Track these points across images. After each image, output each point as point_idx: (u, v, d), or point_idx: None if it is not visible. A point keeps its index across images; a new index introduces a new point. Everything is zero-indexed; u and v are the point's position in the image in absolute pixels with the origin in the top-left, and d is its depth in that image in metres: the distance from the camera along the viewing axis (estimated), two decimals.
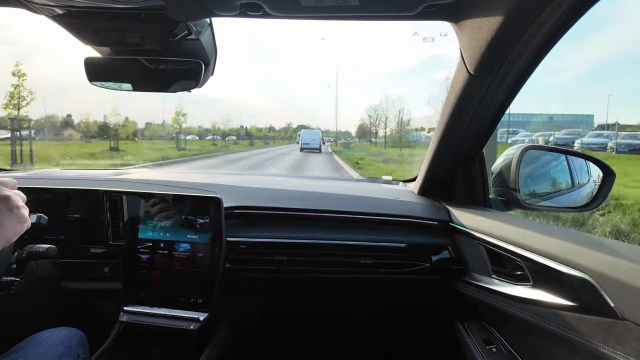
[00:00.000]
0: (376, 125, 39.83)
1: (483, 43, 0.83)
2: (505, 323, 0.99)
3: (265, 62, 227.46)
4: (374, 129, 41.73)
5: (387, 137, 35.87)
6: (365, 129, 48.65)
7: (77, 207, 1.22)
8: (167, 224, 1.14)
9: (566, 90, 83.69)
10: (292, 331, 1.50)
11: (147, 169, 1.93)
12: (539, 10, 0.72)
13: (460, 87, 1.00)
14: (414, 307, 1.43)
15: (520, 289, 0.88)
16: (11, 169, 1.70)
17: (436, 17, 0.88)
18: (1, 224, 0.68)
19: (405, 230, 1.23)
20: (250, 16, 0.86)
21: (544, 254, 0.80)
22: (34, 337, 0.92)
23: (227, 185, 1.41)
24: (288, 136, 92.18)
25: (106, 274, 1.22)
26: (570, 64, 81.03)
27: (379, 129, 40.72)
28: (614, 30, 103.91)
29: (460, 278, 1.14)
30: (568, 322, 0.72)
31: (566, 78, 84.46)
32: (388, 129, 36.71)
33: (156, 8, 0.81)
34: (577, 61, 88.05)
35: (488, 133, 1.14)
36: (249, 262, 1.19)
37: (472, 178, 1.24)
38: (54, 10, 0.83)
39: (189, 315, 1.10)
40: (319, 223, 1.26)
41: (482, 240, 1.03)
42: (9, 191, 0.72)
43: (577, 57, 78.96)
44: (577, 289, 0.70)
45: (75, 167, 2.22)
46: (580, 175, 1.22)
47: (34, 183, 1.22)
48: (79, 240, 1.21)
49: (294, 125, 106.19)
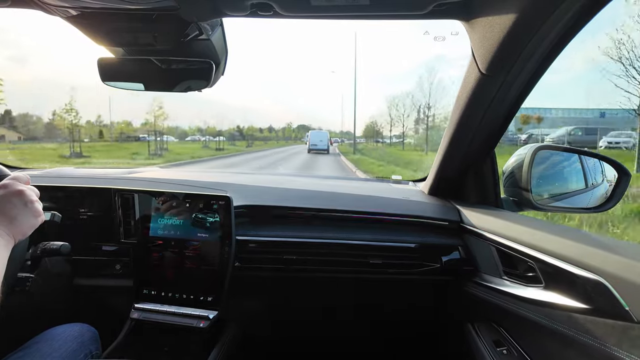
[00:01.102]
0: (402, 119, 33.57)
1: (495, 42, 0.82)
2: (516, 325, 0.98)
3: (265, 61, 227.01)
4: (389, 127, 37.83)
5: (405, 137, 32.91)
6: (373, 129, 47.06)
7: (90, 205, 1.23)
8: (178, 222, 1.15)
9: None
10: (301, 330, 1.50)
11: (158, 167, 1.95)
12: (552, 7, 0.71)
13: (472, 87, 0.99)
14: (423, 307, 1.42)
15: (532, 290, 0.87)
16: (26, 167, 1.74)
17: (447, 16, 0.87)
18: (16, 217, 0.69)
19: (415, 231, 1.23)
20: (260, 16, 0.86)
21: (557, 255, 0.78)
22: (48, 332, 0.93)
23: (237, 184, 1.42)
24: (286, 137, 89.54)
25: (118, 272, 1.24)
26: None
27: (394, 127, 36.50)
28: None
29: (471, 279, 1.13)
30: (581, 324, 0.71)
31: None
32: (409, 128, 33.63)
33: (168, 9, 0.81)
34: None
35: (500, 132, 1.13)
36: (259, 260, 1.19)
37: (483, 178, 1.23)
38: (68, 11, 0.84)
39: (199, 313, 1.11)
40: (329, 222, 1.26)
41: (493, 241, 1.02)
42: (22, 186, 0.74)
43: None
44: (591, 291, 0.69)
45: (89, 166, 2.26)
46: (594, 175, 1.20)
47: (48, 181, 1.24)
48: (92, 237, 1.23)
49: (294, 125, 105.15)
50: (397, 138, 39.14)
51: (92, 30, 0.90)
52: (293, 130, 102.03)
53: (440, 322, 1.41)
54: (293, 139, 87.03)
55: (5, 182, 0.73)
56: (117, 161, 16.50)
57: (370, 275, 1.21)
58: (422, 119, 29.53)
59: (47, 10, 0.85)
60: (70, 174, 1.55)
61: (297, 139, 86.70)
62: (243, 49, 36.03)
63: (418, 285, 1.30)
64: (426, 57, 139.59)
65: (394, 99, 36.61)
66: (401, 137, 34.99)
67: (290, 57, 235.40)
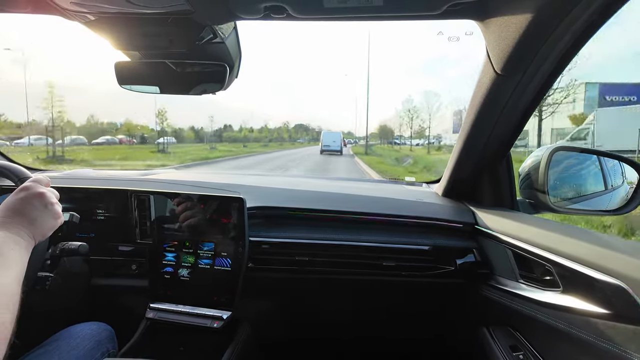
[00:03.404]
0: (430, 112, 31.64)
1: (511, 41, 0.81)
2: (533, 329, 0.96)
3: (264, 61, 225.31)
4: (410, 127, 35.27)
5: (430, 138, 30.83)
6: (388, 130, 45.68)
7: (107, 206, 1.26)
8: (192, 223, 1.17)
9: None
10: (313, 331, 1.50)
11: (173, 169, 1.98)
12: (570, 6, 0.70)
13: (487, 87, 0.97)
14: (437, 310, 1.40)
15: (549, 294, 0.85)
16: (46, 169, 1.78)
17: (462, 16, 0.86)
18: (37, 219, 0.71)
19: (429, 233, 1.22)
20: (274, 19, 0.87)
21: (575, 258, 0.77)
22: (66, 330, 0.96)
23: (250, 185, 1.43)
24: (277, 138, 75.27)
25: (134, 272, 1.26)
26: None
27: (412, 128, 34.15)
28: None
29: (486, 282, 1.12)
30: (600, 330, 0.70)
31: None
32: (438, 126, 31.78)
33: (183, 12, 0.82)
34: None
35: (516, 133, 1.11)
36: (272, 261, 1.20)
37: (498, 180, 1.21)
38: (86, 17, 0.86)
39: (212, 313, 1.12)
40: (341, 224, 1.25)
41: (509, 243, 1.01)
42: (43, 188, 0.76)
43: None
44: (610, 296, 0.67)
45: (107, 168, 2.31)
46: (614, 177, 1.17)
47: (67, 183, 1.27)
48: (109, 238, 1.26)
49: (290, 124, 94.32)
50: (419, 138, 36.66)
51: (109, 34, 0.92)
52: (288, 131, 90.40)
53: (454, 325, 1.39)
54: (291, 141, 72.71)
55: (27, 184, 0.75)
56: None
57: (383, 277, 1.20)
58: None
59: (67, 16, 0.87)
60: (88, 175, 1.58)
61: (293, 141, 72.77)
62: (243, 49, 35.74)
63: (432, 288, 1.28)
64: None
65: (426, 93, 34.25)
66: (420, 137, 33.07)
67: (289, 58, 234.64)
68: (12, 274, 0.57)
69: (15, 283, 0.57)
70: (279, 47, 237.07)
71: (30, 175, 0.91)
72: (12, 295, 0.54)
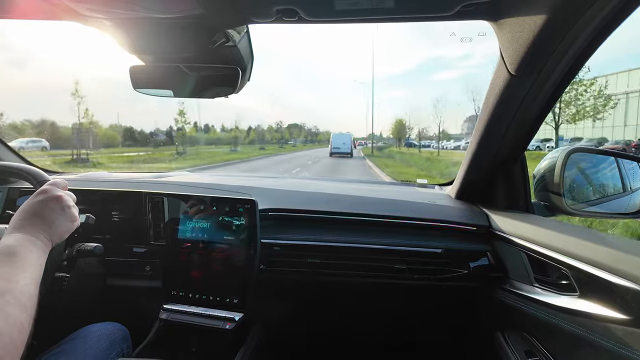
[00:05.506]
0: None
1: (524, 42, 0.79)
2: (549, 335, 0.94)
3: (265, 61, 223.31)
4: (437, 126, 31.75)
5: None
6: (403, 130, 43.52)
7: (122, 208, 1.28)
8: (205, 225, 1.18)
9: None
10: (324, 333, 1.50)
11: (187, 171, 2.01)
12: (586, 5, 0.68)
13: (500, 88, 0.96)
14: (450, 315, 1.39)
15: (566, 299, 0.83)
16: (63, 171, 1.82)
17: (474, 17, 0.85)
18: (54, 222, 0.72)
19: (442, 236, 1.20)
20: (285, 22, 0.87)
21: (592, 262, 0.75)
22: (82, 330, 0.97)
23: (262, 188, 1.44)
24: (260, 138, 63.77)
25: (147, 273, 1.28)
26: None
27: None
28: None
29: (500, 286, 1.10)
30: (619, 336, 0.68)
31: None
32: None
33: (195, 17, 0.83)
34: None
35: (530, 135, 1.09)
36: (283, 263, 1.20)
37: (513, 182, 1.20)
38: (103, 22, 0.88)
39: (225, 314, 1.12)
40: (353, 226, 1.25)
41: (524, 246, 0.99)
42: (60, 192, 0.77)
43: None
44: (630, 301, 0.65)
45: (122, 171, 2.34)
46: (633, 179, 1.14)
47: (83, 185, 1.29)
48: (123, 239, 1.27)
49: (284, 124, 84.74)
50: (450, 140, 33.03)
51: (124, 39, 0.93)
52: (278, 131, 78.77)
53: (468, 329, 1.38)
54: (279, 143, 59.99)
55: (45, 187, 0.77)
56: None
57: (395, 280, 1.19)
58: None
59: (84, 21, 0.89)
60: (103, 177, 1.61)
61: (282, 143, 61.38)
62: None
63: (445, 292, 1.27)
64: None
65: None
66: (442, 137, 29.51)
67: (290, 58, 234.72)
68: (30, 275, 0.58)
69: (33, 284, 0.58)
70: (280, 48, 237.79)
71: (48, 178, 0.93)
72: (30, 297, 0.55)
